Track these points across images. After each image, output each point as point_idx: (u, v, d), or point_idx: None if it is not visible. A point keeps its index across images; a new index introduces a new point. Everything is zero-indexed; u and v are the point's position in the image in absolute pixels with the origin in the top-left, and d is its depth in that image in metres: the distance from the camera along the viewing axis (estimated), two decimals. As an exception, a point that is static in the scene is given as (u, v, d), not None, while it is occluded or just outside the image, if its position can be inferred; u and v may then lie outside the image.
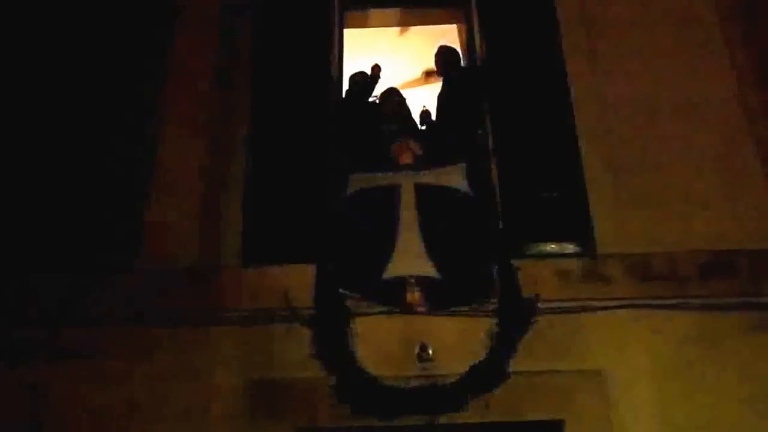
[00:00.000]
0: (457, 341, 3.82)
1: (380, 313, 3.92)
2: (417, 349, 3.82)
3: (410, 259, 3.94)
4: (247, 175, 4.40)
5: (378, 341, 3.88)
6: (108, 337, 3.93)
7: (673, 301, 3.84)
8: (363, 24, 5.65)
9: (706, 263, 3.91)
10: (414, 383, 3.69)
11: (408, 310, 3.91)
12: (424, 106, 5.56)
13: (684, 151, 4.22)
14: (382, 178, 4.19)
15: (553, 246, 4.12)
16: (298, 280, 3.97)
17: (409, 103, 5.29)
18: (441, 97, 4.99)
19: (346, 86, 5.00)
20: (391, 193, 4.13)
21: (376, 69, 5.29)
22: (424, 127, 5.27)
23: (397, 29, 6.25)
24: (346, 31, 5.11)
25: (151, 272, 4.08)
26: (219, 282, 4.08)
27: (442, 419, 3.62)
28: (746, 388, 3.67)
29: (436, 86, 5.51)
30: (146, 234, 4.22)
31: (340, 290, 3.94)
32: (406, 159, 4.27)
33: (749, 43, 4.48)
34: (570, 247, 4.11)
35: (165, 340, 3.93)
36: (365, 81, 5.21)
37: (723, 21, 4.57)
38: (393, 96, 5.19)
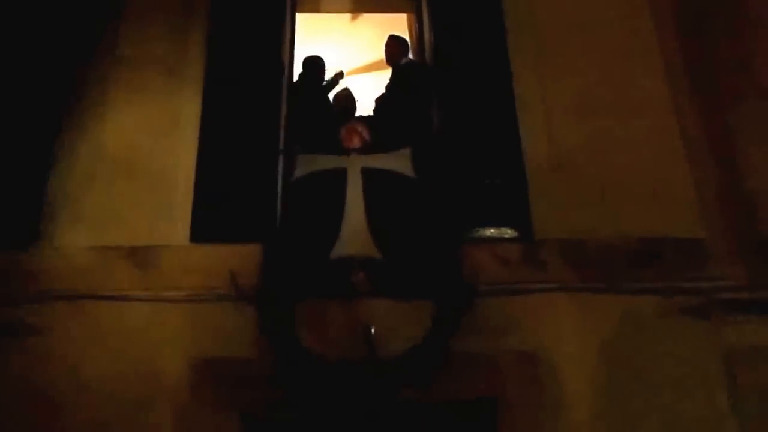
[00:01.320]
0: (399, 323, 3.91)
1: (325, 294, 3.99)
2: (361, 331, 3.91)
3: (355, 241, 4.02)
4: (197, 152, 4.41)
5: (323, 323, 3.95)
6: (51, 314, 3.90)
7: (605, 286, 4.04)
8: (316, 9, 5.70)
9: (636, 250, 4.12)
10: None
11: (352, 291, 3.99)
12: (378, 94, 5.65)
13: (619, 145, 4.41)
14: (330, 161, 4.26)
15: (492, 231, 4.27)
16: (245, 260, 4.02)
17: (357, 89, 5.37)
18: (389, 85, 5.08)
19: (298, 69, 5.05)
20: (338, 176, 4.20)
21: (339, 76, 5.45)
22: (372, 114, 5.36)
23: (348, 15, 6.31)
24: (299, 15, 5.15)
25: (95, 248, 4.06)
26: (165, 259, 4.09)
27: (383, 398, 3.72)
28: (670, 368, 3.88)
29: (385, 73, 5.60)
30: (90, 210, 4.19)
31: (287, 271, 4.00)
32: (354, 143, 4.34)
33: (681, 49, 4.72)
34: (509, 233, 4.27)
35: (109, 317, 3.93)
36: (319, 67, 5.27)
37: (659, 29, 4.78)
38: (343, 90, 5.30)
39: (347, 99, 5.31)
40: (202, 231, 4.24)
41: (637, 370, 3.87)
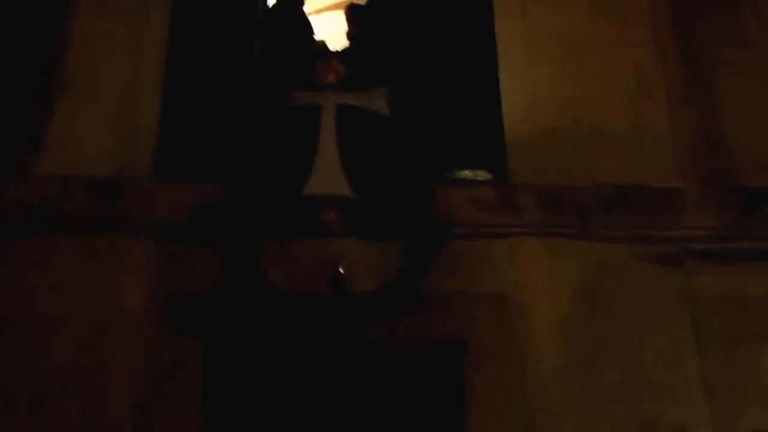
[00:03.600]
0: (370, 263, 3.86)
1: (294, 233, 3.90)
2: (329, 270, 3.85)
3: (328, 179, 3.92)
4: (163, 85, 4.25)
5: (291, 261, 3.88)
6: (11, 244, 3.80)
7: (578, 231, 4.01)
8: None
9: (611, 197, 4.08)
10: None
11: (323, 230, 3.92)
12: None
13: (598, 88, 4.33)
14: (304, 96, 4.12)
15: (467, 173, 4.21)
16: (211, 197, 3.91)
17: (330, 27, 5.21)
18: (363, 23, 4.92)
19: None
20: (312, 112, 4.08)
21: None
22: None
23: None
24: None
25: (56, 179, 3.92)
26: (129, 193, 3.97)
27: (350, 335, 3.69)
28: (639, 313, 3.89)
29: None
30: (51, 140, 4.03)
31: (254, 207, 3.91)
32: (330, 78, 4.20)
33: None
34: (484, 175, 4.21)
35: (70, 250, 3.82)
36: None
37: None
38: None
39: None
40: (167, 166, 4.13)
41: (607, 314, 3.88)
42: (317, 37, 5.05)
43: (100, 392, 3.58)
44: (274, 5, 4.86)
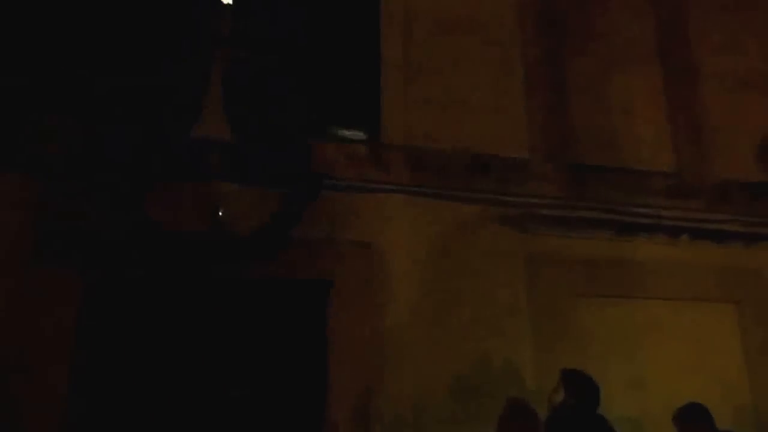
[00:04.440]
0: (247, 207, 4.12)
1: (178, 175, 4.07)
2: (209, 212, 4.07)
3: (214, 125, 4.14)
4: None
5: (173, 202, 4.05)
6: None
7: (439, 191, 4.48)
8: None
9: (470, 163, 4.57)
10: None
11: (205, 174, 4.11)
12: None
13: (467, 63, 4.80)
14: (198, 45, 4.28)
15: (344, 131, 4.55)
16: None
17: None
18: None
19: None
20: (204, 62, 4.24)
21: None
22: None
23: None
24: None
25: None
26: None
27: (225, 274, 3.97)
28: (486, 266, 4.44)
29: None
30: None
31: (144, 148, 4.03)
32: (225, 31, 4.37)
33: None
34: (359, 134, 4.58)
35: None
36: None
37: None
38: None
39: None
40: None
41: (458, 266, 4.40)
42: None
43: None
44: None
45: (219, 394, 3.93)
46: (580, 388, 3.31)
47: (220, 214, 4.07)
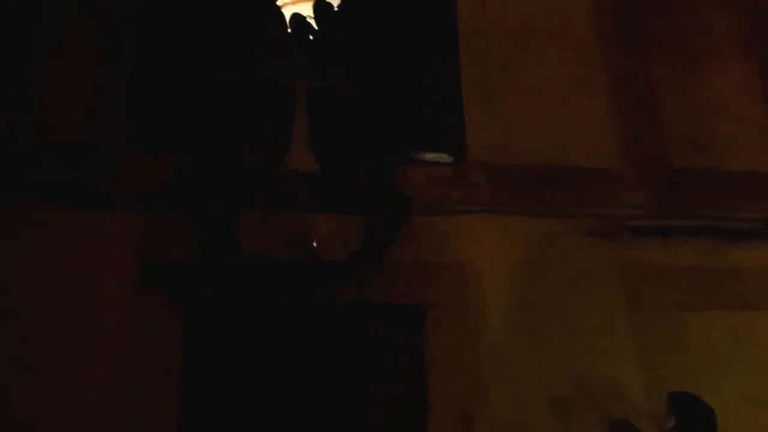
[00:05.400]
0: (338, 236, 4.16)
1: (267, 206, 4.18)
2: (301, 242, 4.14)
3: (300, 156, 4.23)
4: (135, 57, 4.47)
5: (263, 233, 4.15)
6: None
7: (527, 208, 4.39)
8: None
9: (558, 176, 4.46)
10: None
11: (293, 204, 4.19)
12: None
13: (547, 75, 4.71)
14: (277, 77, 4.39)
15: (429, 154, 4.54)
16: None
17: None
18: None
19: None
20: (287, 93, 4.35)
21: None
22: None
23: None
24: None
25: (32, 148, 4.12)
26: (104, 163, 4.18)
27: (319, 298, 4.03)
28: (585, 281, 4.29)
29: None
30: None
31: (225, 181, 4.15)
32: (302, 61, 4.48)
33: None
34: (444, 157, 4.56)
35: (49, 220, 4.02)
36: None
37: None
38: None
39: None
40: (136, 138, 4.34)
41: (552, 283, 4.26)
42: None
43: (87, 354, 3.82)
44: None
45: (321, 419, 3.97)
46: (692, 414, 3.16)
47: (315, 245, 4.13)
